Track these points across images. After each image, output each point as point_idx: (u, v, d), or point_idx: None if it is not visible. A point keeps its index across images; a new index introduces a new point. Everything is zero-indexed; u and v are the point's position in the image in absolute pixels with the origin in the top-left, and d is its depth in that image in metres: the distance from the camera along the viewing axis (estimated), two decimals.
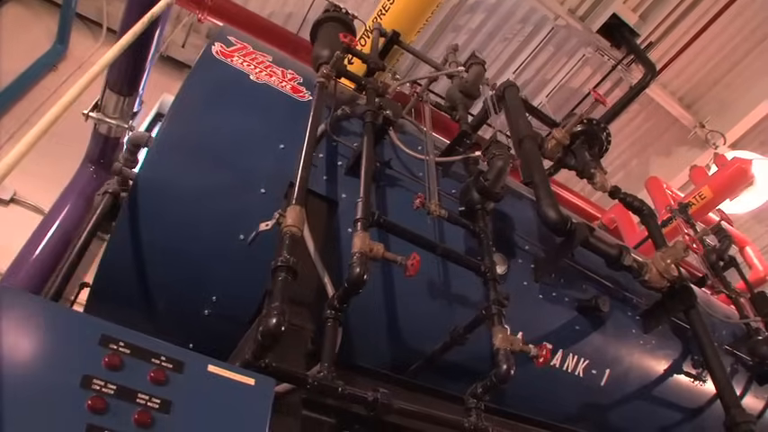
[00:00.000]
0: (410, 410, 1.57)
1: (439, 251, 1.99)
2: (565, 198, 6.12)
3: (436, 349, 2.11)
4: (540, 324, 2.61)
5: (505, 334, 1.75)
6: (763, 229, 8.10)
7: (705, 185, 4.84)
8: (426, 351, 2.17)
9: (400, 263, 1.69)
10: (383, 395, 1.50)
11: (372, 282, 2.18)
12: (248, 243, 1.66)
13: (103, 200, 2.23)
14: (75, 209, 4.19)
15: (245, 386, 1.22)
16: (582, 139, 3.62)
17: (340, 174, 2.36)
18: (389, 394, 1.51)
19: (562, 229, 2.49)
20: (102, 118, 3.99)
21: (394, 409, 1.51)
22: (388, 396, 1.50)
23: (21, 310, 1.13)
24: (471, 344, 2.06)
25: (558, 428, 2.71)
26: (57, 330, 1.14)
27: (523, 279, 2.60)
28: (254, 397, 1.22)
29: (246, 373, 1.25)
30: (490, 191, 2.22)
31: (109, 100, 3.94)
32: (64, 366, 1.10)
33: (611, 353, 2.87)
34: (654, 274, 2.78)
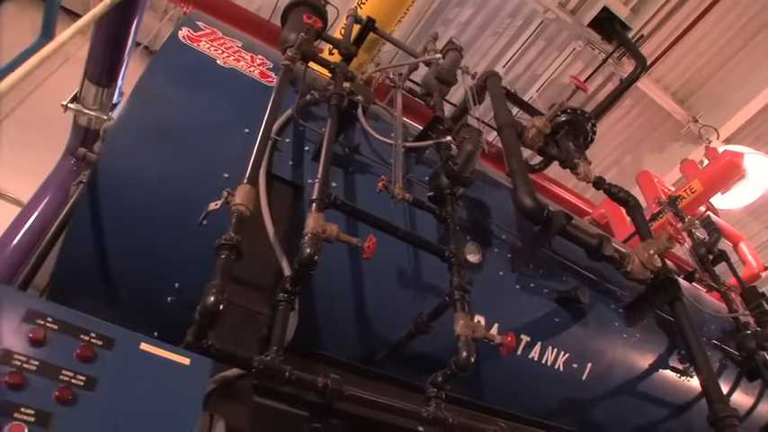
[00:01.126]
0: (364, 398, 1.52)
1: (400, 234, 1.95)
2: (557, 194, 6.09)
3: (401, 338, 2.07)
4: (517, 315, 2.56)
5: (467, 320, 1.71)
6: (760, 227, 8.06)
7: (696, 179, 4.80)
8: (392, 340, 2.13)
9: (356, 245, 1.66)
10: (334, 381, 1.46)
11: (338, 268, 2.20)
12: (198, 224, 1.62)
13: (77, 190, 2.20)
14: (55, 200, 4.18)
15: (179, 366, 1.18)
16: (566, 130, 3.59)
17: (307, 159, 2.34)
18: (340, 380, 1.47)
19: (539, 216, 2.46)
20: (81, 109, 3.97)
21: (345, 396, 1.46)
22: (338, 382, 1.46)
23: None
24: (438, 333, 2.02)
25: (539, 424, 2.66)
26: None
27: (499, 269, 2.56)
28: (188, 377, 1.18)
29: (182, 352, 1.22)
30: (459, 175, 2.18)
31: (88, 91, 3.91)
32: None
33: (592, 346, 2.82)
34: (636, 265, 2.73)
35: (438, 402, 1.64)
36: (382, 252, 2.21)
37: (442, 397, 1.66)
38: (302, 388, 1.45)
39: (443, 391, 1.68)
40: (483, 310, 2.46)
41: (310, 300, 2.12)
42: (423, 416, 1.57)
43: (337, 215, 1.96)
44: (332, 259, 2.13)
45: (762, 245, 8.21)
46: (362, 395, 1.51)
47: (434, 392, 1.66)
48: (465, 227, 2.54)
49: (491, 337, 1.74)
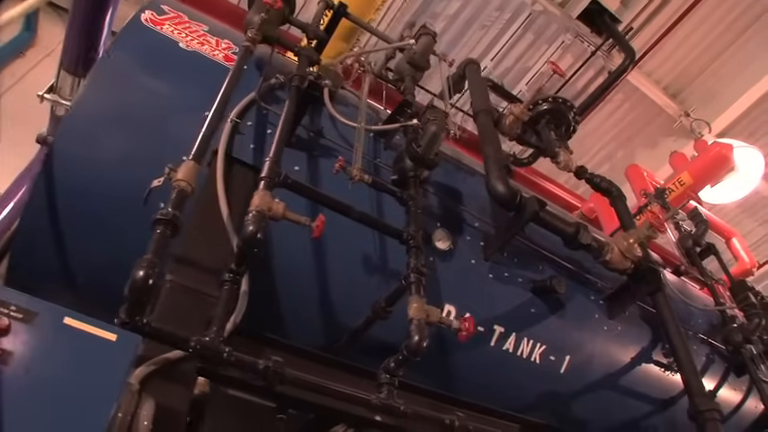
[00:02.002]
0: (309, 382, 1.48)
1: (355, 215, 1.92)
2: (547, 189, 6.05)
3: (360, 324, 2.04)
4: (490, 305, 2.50)
5: (421, 303, 1.66)
6: (754, 224, 8.03)
7: (684, 171, 4.77)
8: (353, 326, 2.09)
9: (305, 224, 1.63)
10: (275, 364, 1.42)
11: (297, 251, 2.16)
12: (143, 202, 1.59)
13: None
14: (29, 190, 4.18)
15: (104, 341, 1.14)
16: (547, 119, 3.57)
17: (269, 143, 2.27)
18: (283, 363, 1.43)
19: (511, 202, 2.41)
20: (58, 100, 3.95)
21: (287, 379, 1.42)
22: (280, 365, 1.42)
23: None
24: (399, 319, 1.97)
25: (515, 418, 2.62)
26: None
27: (471, 257, 2.51)
28: (113, 353, 1.14)
29: (109, 328, 1.18)
30: (423, 157, 2.14)
31: (64, 81, 3.89)
32: None
33: (571, 338, 2.77)
34: (616, 255, 2.69)
35: (390, 389, 1.59)
36: (344, 236, 2.21)
37: (395, 384, 1.62)
38: (243, 370, 1.41)
39: (396, 377, 1.63)
40: (453, 300, 2.42)
41: (268, 284, 2.09)
42: (373, 403, 1.52)
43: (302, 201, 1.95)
44: (291, 242, 2.12)
45: (757, 242, 8.19)
46: (307, 379, 1.47)
47: (387, 379, 1.61)
48: (435, 213, 2.50)
49: (447, 322, 1.70)
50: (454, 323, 1.71)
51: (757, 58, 6.25)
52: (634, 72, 6.53)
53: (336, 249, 2.18)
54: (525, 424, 2.41)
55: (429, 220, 2.46)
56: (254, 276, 2.02)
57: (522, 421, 2.48)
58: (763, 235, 8.22)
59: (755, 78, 6.25)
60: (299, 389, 1.47)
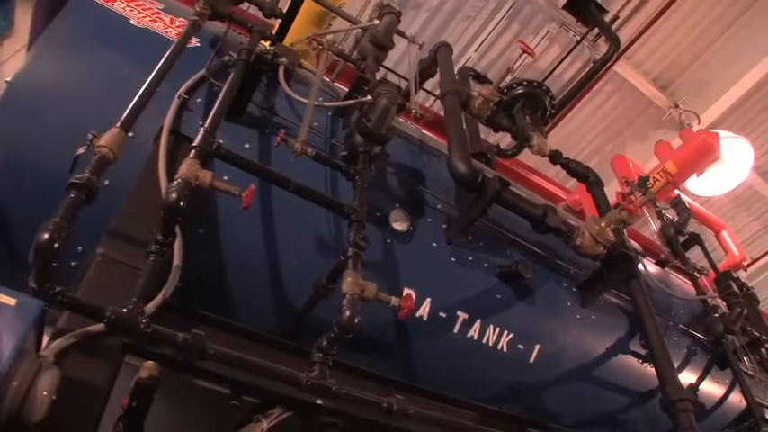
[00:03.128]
0: (232, 357, 1.41)
1: (292, 187, 1.85)
2: (535, 183, 5.98)
3: (305, 304, 1.97)
4: (452, 290, 2.43)
5: (355, 278, 1.59)
6: (749, 218, 7.96)
7: (669, 160, 4.69)
8: (298, 306, 2.03)
9: (234, 194, 1.57)
10: (195, 337, 1.35)
11: (243, 229, 2.11)
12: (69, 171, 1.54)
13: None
14: None
15: (3, 305, 1.08)
16: (522, 103, 3.51)
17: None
18: (203, 337, 1.36)
19: (472, 182, 2.34)
20: None
21: (208, 354, 1.35)
22: (200, 338, 1.35)
23: None
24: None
25: (481, 409, 2.53)
26: None
27: (432, 240, 2.43)
28: (9, 318, 1.08)
29: (10, 293, 1.12)
30: (373, 132, 2.08)
31: None
32: None
33: (541, 327, 2.69)
34: (587, 239, 2.61)
35: (323, 369, 1.52)
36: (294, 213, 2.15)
37: (328, 363, 1.54)
38: (160, 342, 1.35)
39: (329, 356, 1.56)
40: (413, 284, 2.34)
41: (211, 261, 2.04)
42: (302, 382, 1.45)
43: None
44: (236, 219, 2.08)
45: (751, 237, 8.12)
46: (230, 354, 1.40)
47: (320, 357, 1.54)
48: (394, 194, 2.43)
49: (384, 299, 1.62)
50: (393, 300, 1.63)
51: (748, 49, 6.19)
52: (622, 64, 6.47)
53: (284, 226, 2.12)
54: (489, 414, 2.32)
55: (387, 201, 2.39)
56: (195, 253, 1.98)
57: (490, 412, 2.39)
58: (757, 230, 8.15)
59: (746, 69, 6.19)
60: (222, 364, 1.40)
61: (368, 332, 2.33)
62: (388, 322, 2.33)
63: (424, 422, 1.69)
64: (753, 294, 3.87)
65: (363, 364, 2.30)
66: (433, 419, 1.71)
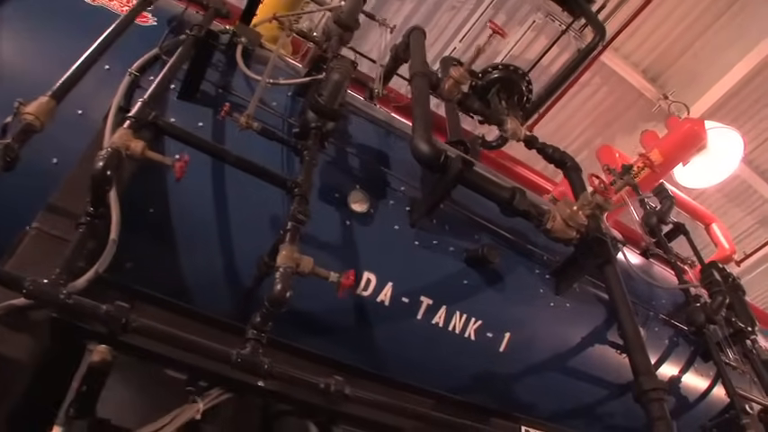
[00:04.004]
0: (159, 331, 1.33)
1: (231, 160, 1.78)
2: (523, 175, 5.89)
3: (251, 284, 1.89)
4: (416, 274, 2.34)
5: (291, 252, 1.50)
6: (742, 213, 7.87)
7: (654, 149, 4.60)
8: (245, 285, 1.95)
9: (167, 164, 1.50)
10: (117, 309, 1.27)
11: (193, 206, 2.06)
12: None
13: None
14: None
15: None
16: (498, 87, 3.44)
17: (171, 98, 2.22)
18: (127, 309, 1.28)
19: (433, 162, 2.26)
20: None
21: (132, 327, 1.27)
22: (123, 310, 1.27)
23: None
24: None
25: (442, 397, 2.41)
26: None
27: (395, 222, 2.35)
28: None
29: None
30: (324, 108, 2.00)
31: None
32: None
33: (511, 314, 2.60)
34: (558, 223, 2.53)
35: (256, 346, 1.44)
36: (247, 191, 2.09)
37: (262, 340, 1.46)
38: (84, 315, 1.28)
39: (264, 332, 1.48)
40: (374, 267, 2.26)
41: (162, 244, 2.00)
42: (232, 359, 1.37)
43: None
44: (185, 196, 2.03)
45: (745, 231, 8.03)
46: (156, 328, 1.32)
47: (254, 334, 1.46)
48: (355, 175, 2.35)
49: (322, 274, 1.54)
50: (332, 276, 1.55)
51: (738, 39, 6.10)
52: (611, 55, 6.40)
53: (238, 205, 2.06)
54: (450, 402, 2.22)
55: (347, 182, 2.32)
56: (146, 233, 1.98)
57: (451, 400, 2.29)
58: (751, 225, 8.06)
59: (736, 59, 6.10)
60: (148, 338, 1.33)
61: (327, 317, 2.27)
62: (348, 307, 2.26)
63: (365, 405, 1.60)
64: (738, 285, 3.78)
65: (323, 350, 2.21)
66: (375, 403, 1.62)
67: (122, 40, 2.25)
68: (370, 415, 1.82)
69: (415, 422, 1.84)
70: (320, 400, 1.51)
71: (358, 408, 1.80)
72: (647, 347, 3.17)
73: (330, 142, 2.37)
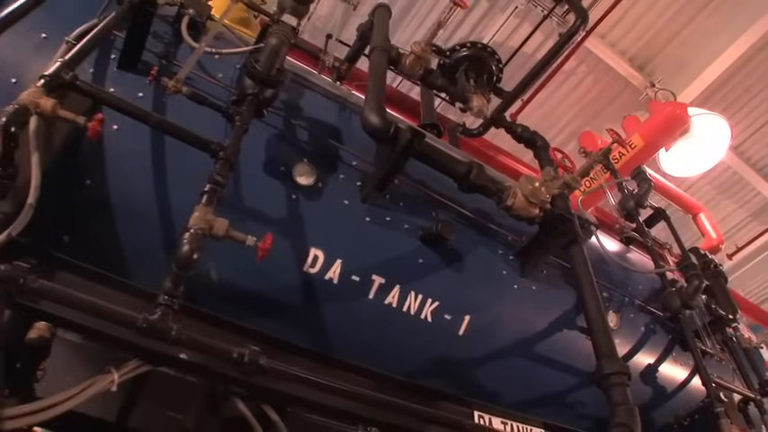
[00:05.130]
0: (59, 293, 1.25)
1: (152, 122, 1.70)
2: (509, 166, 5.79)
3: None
4: (367, 251, 2.25)
5: (204, 213, 1.42)
6: (734, 205, 7.76)
7: (635, 134, 4.48)
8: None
9: (82, 125, 1.42)
10: (15, 269, 1.20)
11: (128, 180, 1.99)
12: None
13: None
14: None
15: None
16: (466, 66, 3.36)
17: (111, 68, 2.15)
18: (24, 269, 1.22)
19: (383, 133, 2.17)
20: None
21: (29, 288, 1.20)
22: (20, 270, 1.20)
23: None
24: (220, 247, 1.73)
25: (387, 379, 2.28)
26: None
27: (345, 197, 2.26)
28: None
29: None
30: (259, 74, 1.92)
31: None
32: None
33: (471, 296, 2.51)
34: (519, 200, 2.44)
35: (166, 311, 1.35)
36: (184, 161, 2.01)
37: (174, 306, 1.37)
38: None
39: (176, 298, 1.39)
40: (322, 243, 2.18)
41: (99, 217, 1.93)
42: (138, 323, 1.28)
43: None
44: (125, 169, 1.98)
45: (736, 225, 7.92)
46: (60, 292, 1.25)
47: (165, 300, 1.37)
48: (303, 148, 2.26)
49: (237, 237, 1.46)
50: (248, 240, 1.47)
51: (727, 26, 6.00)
52: (597, 43, 6.31)
53: (177, 176, 1.99)
54: (394, 383, 2.12)
55: (293, 154, 2.23)
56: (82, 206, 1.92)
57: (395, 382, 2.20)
58: (744, 217, 7.95)
59: (725, 46, 6.00)
60: (53, 303, 1.25)
61: (272, 295, 2.18)
62: (295, 285, 2.17)
63: (285, 380, 1.51)
64: (720, 272, 3.68)
65: (269, 330, 2.13)
66: (296, 378, 1.53)
67: (63, 9, 2.22)
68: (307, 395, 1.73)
69: (354, 402, 1.75)
70: (233, 371, 1.42)
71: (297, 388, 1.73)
72: (621, 334, 3.13)
73: (278, 114, 2.31)
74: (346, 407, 1.76)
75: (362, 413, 1.79)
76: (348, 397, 1.75)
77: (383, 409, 1.81)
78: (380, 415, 1.84)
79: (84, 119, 1.48)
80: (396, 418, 1.84)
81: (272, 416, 1.66)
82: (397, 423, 1.85)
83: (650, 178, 3.36)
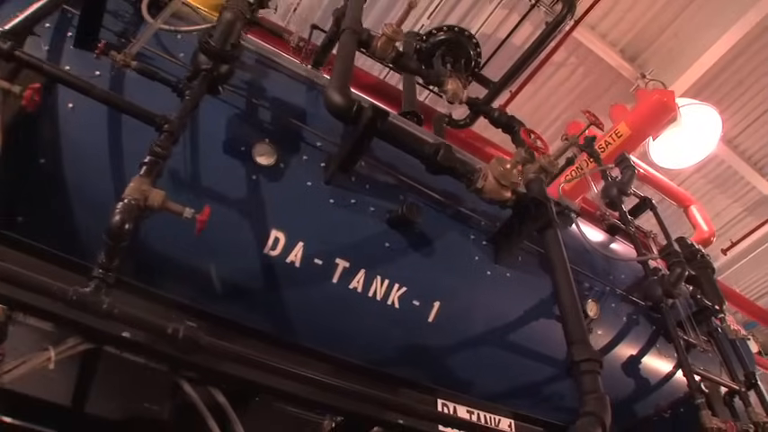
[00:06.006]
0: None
1: (96, 94, 1.66)
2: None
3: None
4: (330, 234, 2.20)
5: (140, 184, 1.37)
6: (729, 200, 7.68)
7: (621, 122, 4.42)
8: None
9: (14, 92, 1.38)
10: None
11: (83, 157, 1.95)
12: None
13: None
14: None
15: None
16: (443, 50, 3.32)
17: (67, 45, 2.11)
18: None
19: (345, 112, 2.13)
20: None
21: None
22: None
23: None
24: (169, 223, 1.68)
25: (347, 364, 2.20)
26: None
27: (307, 178, 2.21)
28: None
29: None
30: (212, 48, 1.87)
31: None
32: None
33: (440, 282, 2.45)
34: (490, 182, 2.39)
35: (99, 285, 1.30)
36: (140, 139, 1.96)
37: (108, 280, 1.32)
38: None
39: (111, 271, 1.34)
40: (283, 225, 2.13)
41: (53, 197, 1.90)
42: (68, 296, 1.23)
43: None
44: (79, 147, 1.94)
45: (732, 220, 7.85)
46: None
47: (100, 273, 1.32)
48: (265, 128, 2.22)
49: (175, 209, 1.41)
50: (186, 211, 1.42)
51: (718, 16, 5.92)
52: (587, 34, 6.26)
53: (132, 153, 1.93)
54: (353, 369, 2.05)
55: (254, 134, 2.18)
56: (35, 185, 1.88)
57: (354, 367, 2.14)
58: (739, 212, 7.87)
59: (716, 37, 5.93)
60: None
61: (232, 278, 2.13)
62: (255, 268, 2.12)
63: (224, 358, 1.46)
64: (707, 262, 3.63)
65: (228, 313, 2.07)
66: (234, 355, 1.47)
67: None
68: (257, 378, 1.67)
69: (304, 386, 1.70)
70: (168, 348, 1.36)
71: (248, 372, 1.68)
72: (601, 324, 3.07)
73: (240, 94, 2.26)
74: (299, 391, 1.70)
75: (316, 398, 1.73)
76: (302, 381, 1.70)
77: (338, 395, 1.76)
78: (336, 401, 1.78)
79: (19, 88, 1.43)
80: (350, 405, 1.78)
81: (219, 398, 1.60)
82: (352, 409, 1.79)
83: (634, 165, 3.31)
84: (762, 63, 6.42)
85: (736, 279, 7.94)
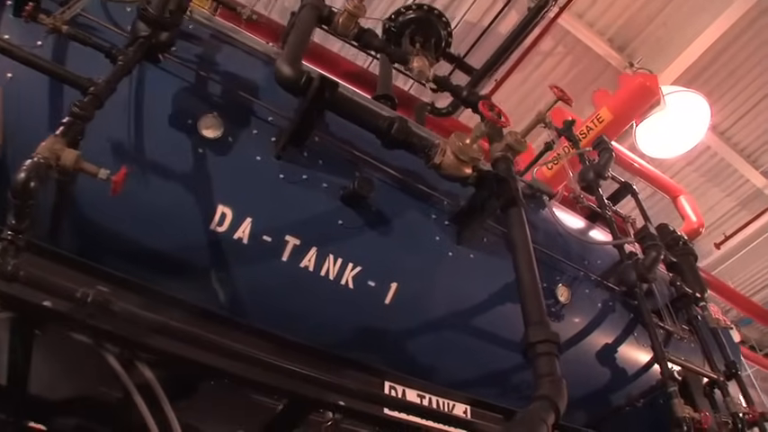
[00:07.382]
0: None
1: (18, 56, 1.64)
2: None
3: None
4: (279, 210, 2.16)
5: (52, 143, 1.33)
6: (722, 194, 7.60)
7: (603, 107, 4.36)
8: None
9: None
10: None
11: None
12: None
13: None
14: None
15: None
16: (413, 29, 3.28)
17: (6, 14, 2.05)
18: None
19: (294, 84, 2.09)
20: None
21: None
22: None
23: None
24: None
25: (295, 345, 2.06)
26: None
27: (257, 153, 2.17)
28: None
29: None
30: (149, 15, 1.84)
31: None
32: None
33: (398, 262, 2.40)
34: (448, 158, 2.34)
35: (7, 247, 1.26)
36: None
37: (20, 244, 1.28)
38: None
39: (21, 233, 1.30)
40: (230, 200, 2.09)
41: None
42: None
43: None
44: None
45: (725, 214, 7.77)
46: None
47: (10, 236, 1.28)
48: (214, 101, 2.18)
49: (89, 169, 1.37)
50: (101, 172, 1.37)
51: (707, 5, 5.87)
52: (574, 22, 6.22)
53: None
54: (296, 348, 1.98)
55: (202, 107, 2.14)
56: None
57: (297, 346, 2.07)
58: (732, 206, 7.79)
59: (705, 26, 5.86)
60: None
61: (175, 253, 2.08)
62: (201, 244, 2.08)
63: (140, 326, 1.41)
64: (690, 249, 3.59)
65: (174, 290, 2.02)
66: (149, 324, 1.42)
67: None
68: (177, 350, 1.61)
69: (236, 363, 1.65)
70: (77, 313, 1.32)
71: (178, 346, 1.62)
72: (573, 310, 3.01)
73: (189, 67, 2.22)
74: (232, 368, 1.65)
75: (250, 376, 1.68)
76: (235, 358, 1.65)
77: (277, 375, 1.70)
78: (273, 380, 1.73)
79: None
80: (288, 384, 1.73)
81: (146, 373, 1.56)
82: (289, 389, 1.74)
83: (612, 148, 3.25)
84: (753, 53, 6.37)
85: (730, 275, 7.84)
